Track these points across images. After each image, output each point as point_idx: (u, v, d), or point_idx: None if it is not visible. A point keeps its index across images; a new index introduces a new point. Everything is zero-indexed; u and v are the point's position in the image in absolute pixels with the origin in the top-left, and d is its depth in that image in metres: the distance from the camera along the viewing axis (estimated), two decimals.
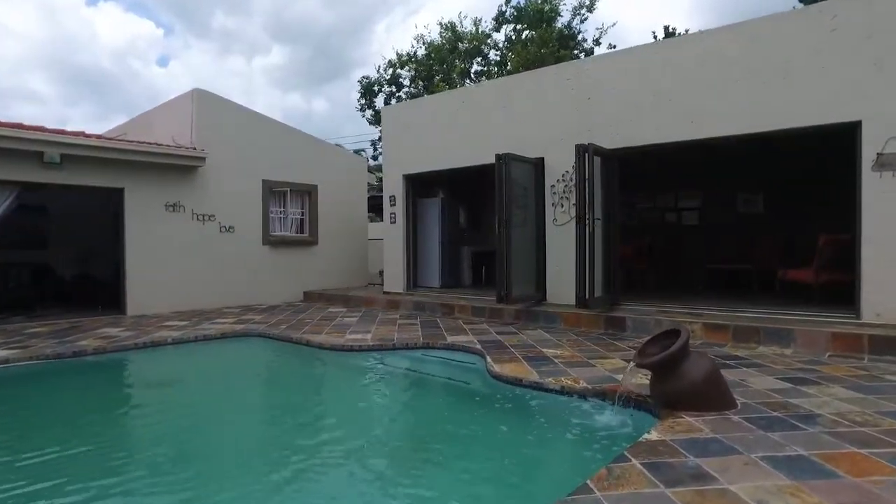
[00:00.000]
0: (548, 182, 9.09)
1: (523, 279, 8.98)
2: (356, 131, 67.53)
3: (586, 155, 7.56)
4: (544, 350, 6.61)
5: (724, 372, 5.04)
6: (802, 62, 6.93)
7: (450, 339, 7.53)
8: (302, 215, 13.28)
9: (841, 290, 7.67)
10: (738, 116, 7.31)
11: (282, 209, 12.80)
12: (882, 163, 6.45)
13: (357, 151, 29.98)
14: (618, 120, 8.32)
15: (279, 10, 55.00)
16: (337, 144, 31.67)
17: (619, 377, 4.96)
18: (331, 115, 63.71)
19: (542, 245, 9.19)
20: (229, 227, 11.62)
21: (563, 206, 8.87)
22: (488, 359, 6.17)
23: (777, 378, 5.09)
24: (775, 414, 4.00)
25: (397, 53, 25.77)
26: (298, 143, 12.93)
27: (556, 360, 6.02)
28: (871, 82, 6.51)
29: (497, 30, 25.07)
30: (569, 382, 5.08)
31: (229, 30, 63.48)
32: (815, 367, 5.58)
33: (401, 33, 54.96)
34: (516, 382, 5.37)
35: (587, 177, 7.57)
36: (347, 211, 13.93)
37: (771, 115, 7.09)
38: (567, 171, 8.64)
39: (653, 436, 3.58)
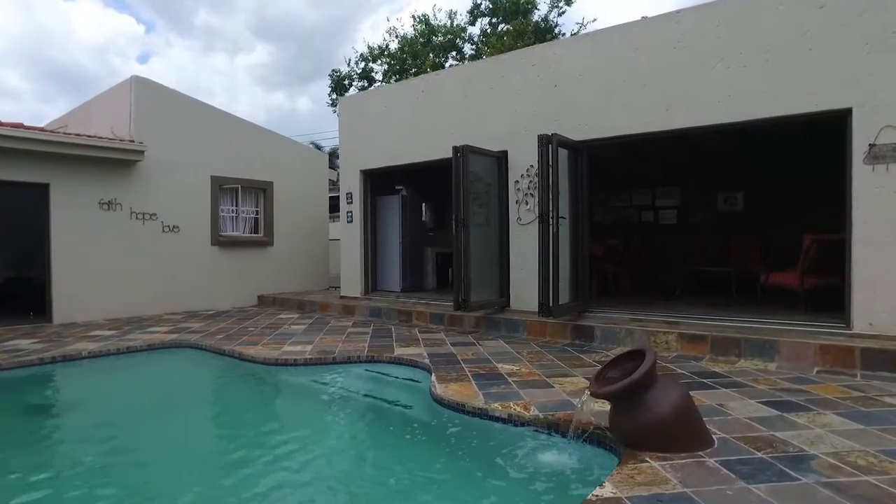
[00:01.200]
0: (512, 177, 8.33)
1: (485, 284, 8.22)
2: (336, 127, 66.35)
3: (549, 146, 6.81)
4: (500, 365, 5.85)
5: (699, 394, 4.32)
6: (786, 44, 6.23)
7: (398, 351, 6.75)
8: (256, 214, 12.40)
9: (829, 296, 7.01)
10: (716, 105, 6.60)
11: (233, 207, 11.92)
12: (875, 154, 5.76)
13: (334, 149, 29.08)
14: (587, 109, 7.59)
15: (262, 8, 53.82)
16: (313, 143, 30.73)
17: (578, 401, 4.19)
18: (314, 113, 62.66)
19: (505, 246, 8.43)
20: (174, 227, 10.73)
21: (527, 203, 8.12)
22: (433, 377, 5.40)
23: (760, 402, 4.36)
24: (759, 455, 3.26)
25: (369, 47, 24.94)
26: (251, 137, 12.05)
27: (509, 379, 5.25)
28: (862, 65, 5.83)
29: (472, 23, 24.33)
30: (518, 409, 4.31)
31: (212, 27, 62.20)
32: (802, 386, 4.87)
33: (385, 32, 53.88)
34: (458, 408, 4.60)
35: (551, 171, 6.80)
36: (306, 209, 13.08)
37: (752, 103, 6.38)
38: (532, 166, 7.89)
39: (606, 490, 2.82)
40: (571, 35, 22.60)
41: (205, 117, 11.20)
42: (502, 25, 22.64)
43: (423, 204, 12.47)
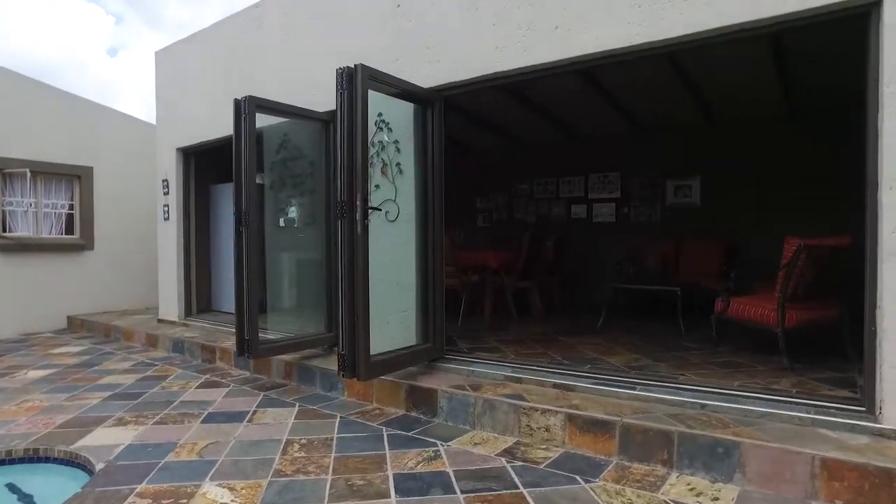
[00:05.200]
0: None
1: (301, 312, 5.40)
2: None
3: (353, 87, 3.92)
4: (207, 488, 2.98)
5: None
6: None
7: (93, 436, 3.98)
8: (70, 209, 9.35)
9: (827, 341, 4.28)
10: (632, 13, 3.76)
11: (32, 200, 8.85)
12: None
13: None
14: (440, 37, 4.73)
15: (233, 1, 50.24)
16: None
17: None
18: None
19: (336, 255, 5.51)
20: None
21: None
22: None
23: None
24: None
25: None
26: (57, 107, 9.01)
27: None
28: None
29: None
30: None
31: (183, 21, 58.69)
32: None
33: None
34: None
35: (356, 129, 3.92)
36: (145, 204, 9.99)
37: (698, 7, 3.54)
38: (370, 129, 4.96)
39: None
40: None
41: None
42: None
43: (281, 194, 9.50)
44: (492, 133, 8.50)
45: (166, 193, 7.80)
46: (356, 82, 3.86)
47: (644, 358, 4.76)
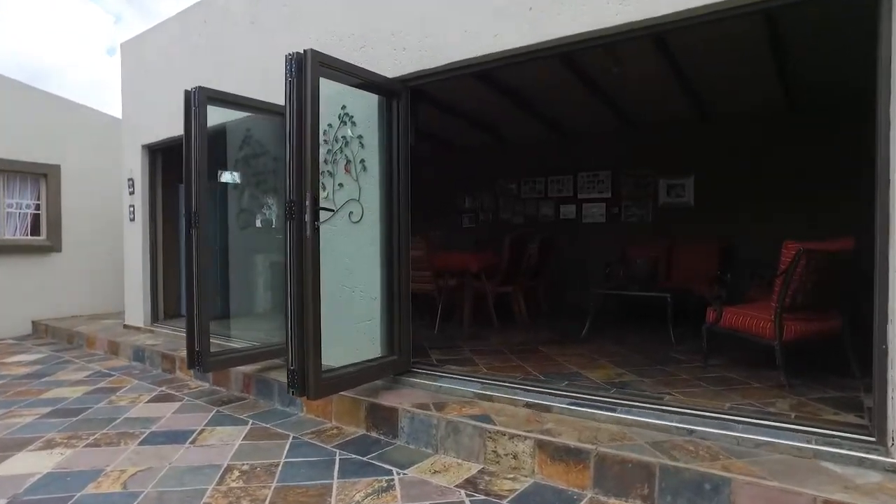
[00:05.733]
0: None
1: (266, 318, 5.04)
2: None
3: (304, 73, 3.52)
4: None
5: None
6: None
7: (8, 465, 3.45)
8: (37, 209, 8.94)
9: (829, 356, 3.90)
10: None
11: None
12: None
13: None
14: (406, 23, 4.33)
15: None
16: None
17: None
18: None
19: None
20: None
21: (324, 188, 4.78)
22: None
23: None
24: None
25: None
26: (19, 101, 8.58)
27: None
28: None
29: None
30: None
31: None
32: None
33: None
34: None
35: (309, 119, 3.52)
36: (115, 203, 9.57)
37: None
38: (331, 125, 4.57)
39: None
40: None
41: None
42: None
43: (255, 192, 9.10)
44: (478, 130, 8.10)
45: (132, 193, 7.40)
46: (305, 70, 3.47)
47: (628, 373, 4.35)
